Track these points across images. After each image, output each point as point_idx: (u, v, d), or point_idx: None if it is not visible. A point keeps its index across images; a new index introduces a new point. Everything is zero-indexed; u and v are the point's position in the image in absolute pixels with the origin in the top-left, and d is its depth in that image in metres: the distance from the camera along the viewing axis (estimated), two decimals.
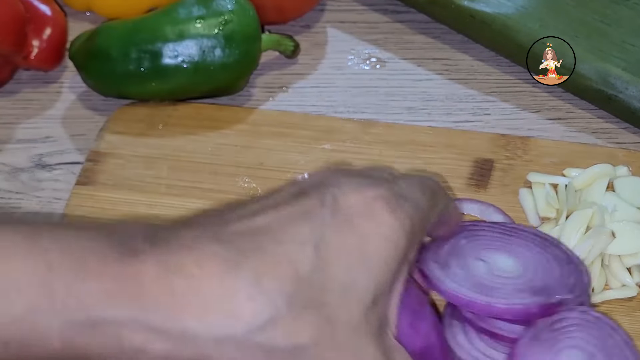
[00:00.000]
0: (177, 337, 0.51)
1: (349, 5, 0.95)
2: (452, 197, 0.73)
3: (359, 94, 0.88)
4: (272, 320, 0.52)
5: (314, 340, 0.53)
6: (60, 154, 0.84)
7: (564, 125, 0.86)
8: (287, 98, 0.88)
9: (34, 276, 0.50)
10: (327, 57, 0.92)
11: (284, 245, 0.54)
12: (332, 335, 0.53)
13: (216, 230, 0.54)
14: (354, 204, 0.56)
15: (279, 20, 0.92)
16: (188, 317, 0.52)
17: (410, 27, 0.94)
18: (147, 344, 0.51)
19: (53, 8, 0.88)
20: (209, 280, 0.52)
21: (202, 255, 0.52)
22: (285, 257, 0.53)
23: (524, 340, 0.64)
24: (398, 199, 0.57)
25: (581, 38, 0.86)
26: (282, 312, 0.52)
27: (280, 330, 0.52)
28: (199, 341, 0.52)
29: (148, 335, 0.51)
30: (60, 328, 0.51)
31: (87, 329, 0.51)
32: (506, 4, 0.88)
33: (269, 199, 0.58)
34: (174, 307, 0.51)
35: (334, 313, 0.53)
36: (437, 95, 0.88)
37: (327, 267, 0.54)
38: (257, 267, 0.52)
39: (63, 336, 0.51)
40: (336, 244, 0.54)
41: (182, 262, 0.52)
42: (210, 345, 0.52)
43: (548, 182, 0.78)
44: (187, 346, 0.52)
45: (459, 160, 0.81)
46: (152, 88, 0.83)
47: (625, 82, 0.83)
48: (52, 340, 0.51)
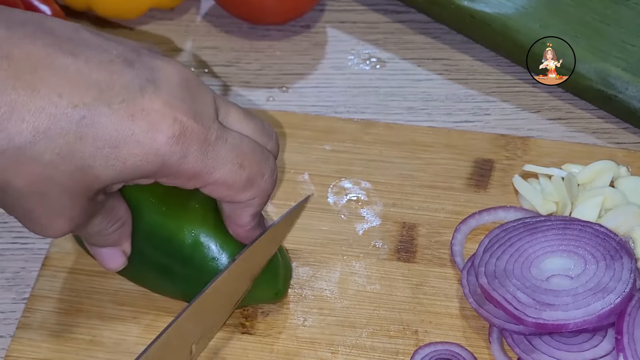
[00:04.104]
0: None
1: (349, 5, 0.95)
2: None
3: (359, 94, 0.88)
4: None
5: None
6: None
7: (564, 125, 0.86)
8: (287, 98, 0.88)
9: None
10: (327, 57, 0.92)
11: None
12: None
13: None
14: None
15: (279, 20, 0.92)
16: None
17: (410, 27, 0.94)
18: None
19: (53, 8, 0.88)
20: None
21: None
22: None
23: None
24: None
25: (581, 38, 0.86)
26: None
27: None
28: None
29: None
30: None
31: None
32: (506, 4, 0.88)
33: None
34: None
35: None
36: (437, 96, 0.88)
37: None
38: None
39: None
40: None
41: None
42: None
43: (543, 172, 0.79)
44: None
45: (459, 160, 0.81)
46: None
47: (625, 82, 0.83)
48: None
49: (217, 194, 0.64)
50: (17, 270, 0.76)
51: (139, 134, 0.59)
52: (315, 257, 0.76)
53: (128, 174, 0.60)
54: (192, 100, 0.61)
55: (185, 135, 0.60)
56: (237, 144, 0.63)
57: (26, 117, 0.56)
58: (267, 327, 0.72)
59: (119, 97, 0.58)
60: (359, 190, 0.80)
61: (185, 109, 0.60)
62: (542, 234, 0.73)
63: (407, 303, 0.73)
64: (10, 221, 0.79)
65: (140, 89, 0.59)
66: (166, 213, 0.69)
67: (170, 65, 0.61)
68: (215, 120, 0.62)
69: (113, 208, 0.65)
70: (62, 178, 0.58)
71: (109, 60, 0.59)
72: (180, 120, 0.60)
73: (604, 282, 0.69)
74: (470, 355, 0.70)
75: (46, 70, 0.57)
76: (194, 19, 0.95)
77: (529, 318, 0.68)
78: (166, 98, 0.59)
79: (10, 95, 0.56)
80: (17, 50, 0.57)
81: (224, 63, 0.91)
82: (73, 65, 0.58)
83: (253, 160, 0.64)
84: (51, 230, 0.61)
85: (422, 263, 0.75)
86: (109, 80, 0.59)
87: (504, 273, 0.71)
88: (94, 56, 0.59)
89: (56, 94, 0.57)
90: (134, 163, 0.59)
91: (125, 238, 0.68)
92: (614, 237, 0.72)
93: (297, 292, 0.74)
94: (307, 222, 0.77)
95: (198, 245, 0.68)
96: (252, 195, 0.65)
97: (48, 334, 0.72)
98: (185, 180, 0.62)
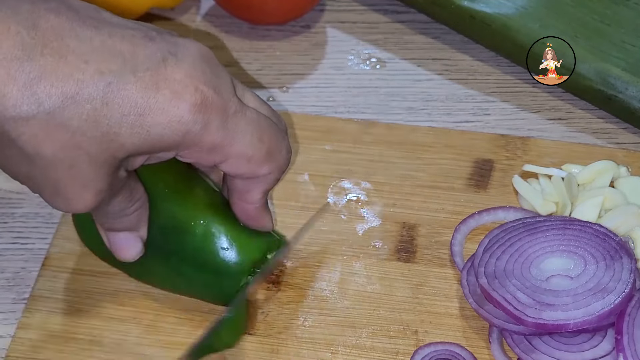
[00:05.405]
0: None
1: (349, 5, 0.95)
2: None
3: (359, 94, 0.88)
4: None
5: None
6: None
7: (564, 125, 0.86)
8: (287, 98, 0.88)
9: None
10: (327, 57, 0.92)
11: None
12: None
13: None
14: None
15: (279, 20, 0.92)
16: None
17: (410, 27, 0.94)
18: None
19: None
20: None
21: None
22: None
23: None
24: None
25: (581, 38, 0.86)
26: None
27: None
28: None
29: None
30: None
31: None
32: (506, 4, 0.88)
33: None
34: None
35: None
36: (437, 96, 0.88)
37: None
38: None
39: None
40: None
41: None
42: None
43: (542, 172, 0.79)
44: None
45: (459, 160, 0.81)
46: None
47: (625, 82, 0.83)
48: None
49: (237, 169, 0.65)
50: (17, 270, 0.76)
51: (162, 102, 0.60)
52: (315, 257, 0.76)
53: (152, 142, 0.60)
54: (212, 73, 0.62)
55: (206, 105, 0.61)
56: (255, 118, 0.64)
57: (54, 82, 0.57)
58: (267, 327, 0.72)
59: (143, 65, 0.59)
60: (359, 191, 0.80)
61: (206, 80, 0.61)
62: (542, 234, 0.73)
63: (407, 303, 0.73)
64: (10, 221, 0.79)
65: (163, 59, 0.60)
66: (177, 203, 0.69)
67: (189, 41, 0.63)
68: (234, 94, 0.63)
69: (133, 188, 0.66)
70: (90, 146, 0.59)
71: (131, 35, 0.60)
72: (201, 90, 0.61)
73: (604, 282, 0.69)
74: (470, 355, 0.70)
75: (72, 40, 0.58)
76: (194, 19, 0.95)
77: (529, 318, 0.68)
78: (188, 69, 0.61)
79: (39, 61, 0.57)
80: (43, 21, 0.58)
81: (224, 63, 0.89)
82: (97, 37, 0.59)
83: (272, 134, 0.65)
84: (77, 203, 0.62)
85: (422, 263, 0.75)
86: (133, 51, 0.60)
87: (504, 273, 0.71)
88: (116, 31, 0.60)
89: (83, 61, 0.58)
90: (157, 132, 0.60)
91: (143, 221, 0.68)
92: (614, 237, 0.72)
93: (297, 292, 0.74)
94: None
95: (208, 236, 0.69)
96: (270, 169, 0.65)
97: (48, 334, 0.72)
98: (206, 153, 0.63)
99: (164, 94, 0.59)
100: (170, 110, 0.60)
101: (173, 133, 0.60)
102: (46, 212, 0.79)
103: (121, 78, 0.59)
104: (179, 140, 0.61)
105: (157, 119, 0.60)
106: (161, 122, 0.60)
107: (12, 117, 0.57)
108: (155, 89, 0.59)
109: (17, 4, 0.58)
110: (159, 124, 0.60)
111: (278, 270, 0.75)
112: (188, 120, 0.60)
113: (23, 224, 0.79)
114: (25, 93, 0.57)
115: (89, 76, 0.58)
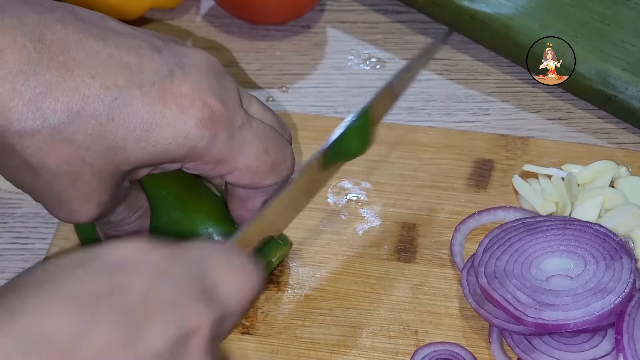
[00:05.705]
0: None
1: (349, 5, 0.95)
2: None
3: (359, 94, 0.88)
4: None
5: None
6: None
7: (564, 125, 0.86)
8: (287, 98, 0.88)
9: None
10: (327, 57, 0.92)
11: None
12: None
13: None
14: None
15: (279, 20, 0.92)
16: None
17: (410, 27, 0.94)
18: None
19: None
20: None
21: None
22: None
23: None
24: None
25: (581, 38, 0.86)
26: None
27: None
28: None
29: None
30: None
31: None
32: (506, 4, 0.88)
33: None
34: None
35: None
36: (437, 96, 0.88)
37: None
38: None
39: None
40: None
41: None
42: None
43: (542, 172, 0.79)
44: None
45: (459, 160, 0.81)
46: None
47: (625, 82, 0.83)
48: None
49: (242, 181, 0.65)
50: (17, 270, 0.76)
51: (169, 117, 0.59)
52: (315, 257, 0.76)
53: (157, 156, 0.60)
54: (219, 85, 0.62)
55: (213, 119, 0.60)
56: (261, 130, 0.64)
57: (60, 97, 0.57)
58: (267, 327, 0.72)
59: (149, 80, 0.59)
60: (359, 191, 0.80)
61: (213, 93, 0.61)
62: (542, 234, 0.73)
63: (407, 303, 0.73)
64: (10, 221, 0.79)
65: (170, 73, 0.60)
66: (181, 209, 0.69)
67: (196, 51, 0.62)
68: (240, 106, 0.63)
69: (135, 197, 0.66)
70: (94, 159, 0.59)
71: (138, 46, 0.60)
72: (209, 104, 0.60)
73: (604, 282, 0.69)
74: (470, 355, 0.70)
75: (78, 52, 0.58)
76: (194, 19, 0.95)
77: (529, 318, 0.68)
78: (195, 82, 0.60)
79: (45, 75, 0.57)
80: (50, 33, 0.58)
81: (223, 63, 0.89)
82: (104, 50, 0.59)
83: (277, 146, 0.65)
84: (80, 214, 0.62)
85: (422, 263, 0.75)
86: (139, 64, 0.59)
87: (504, 273, 0.71)
88: (123, 42, 0.60)
89: (89, 76, 0.58)
90: (163, 146, 0.60)
91: (143, 229, 0.69)
92: (614, 237, 0.72)
93: (297, 292, 0.74)
94: (307, 222, 0.77)
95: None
96: (274, 180, 0.65)
97: None
98: (211, 166, 0.62)
99: (170, 108, 0.59)
100: (177, 126, 0.59)
101: (179, 147, 0.60)
102: (46, 212, 0.78)
103: (127, 93, 0.58)
104: (184, 154, 0.61)
105: (164, 133, 0.59)
106: (167, 137, 0.59)
107: (17, 131, 0.57)
108: (162, 103, 0.59)
109: (23, 13, 0.58)
110: (165, 139, 0.59)
111: (278, 270, 0.75)
112: (195, 136, 0.60)
113: (23, 224, 0.79)
114: (30, 108, 0.57)
115: (95, 91, 0.58)
